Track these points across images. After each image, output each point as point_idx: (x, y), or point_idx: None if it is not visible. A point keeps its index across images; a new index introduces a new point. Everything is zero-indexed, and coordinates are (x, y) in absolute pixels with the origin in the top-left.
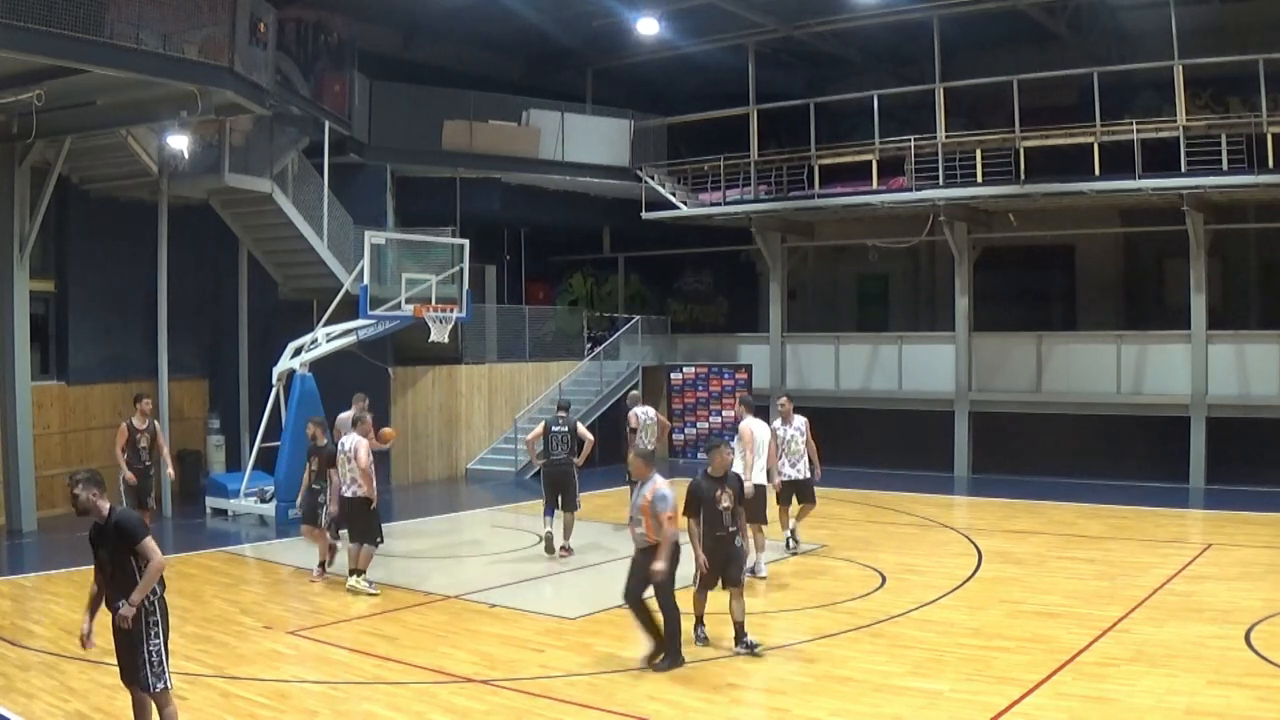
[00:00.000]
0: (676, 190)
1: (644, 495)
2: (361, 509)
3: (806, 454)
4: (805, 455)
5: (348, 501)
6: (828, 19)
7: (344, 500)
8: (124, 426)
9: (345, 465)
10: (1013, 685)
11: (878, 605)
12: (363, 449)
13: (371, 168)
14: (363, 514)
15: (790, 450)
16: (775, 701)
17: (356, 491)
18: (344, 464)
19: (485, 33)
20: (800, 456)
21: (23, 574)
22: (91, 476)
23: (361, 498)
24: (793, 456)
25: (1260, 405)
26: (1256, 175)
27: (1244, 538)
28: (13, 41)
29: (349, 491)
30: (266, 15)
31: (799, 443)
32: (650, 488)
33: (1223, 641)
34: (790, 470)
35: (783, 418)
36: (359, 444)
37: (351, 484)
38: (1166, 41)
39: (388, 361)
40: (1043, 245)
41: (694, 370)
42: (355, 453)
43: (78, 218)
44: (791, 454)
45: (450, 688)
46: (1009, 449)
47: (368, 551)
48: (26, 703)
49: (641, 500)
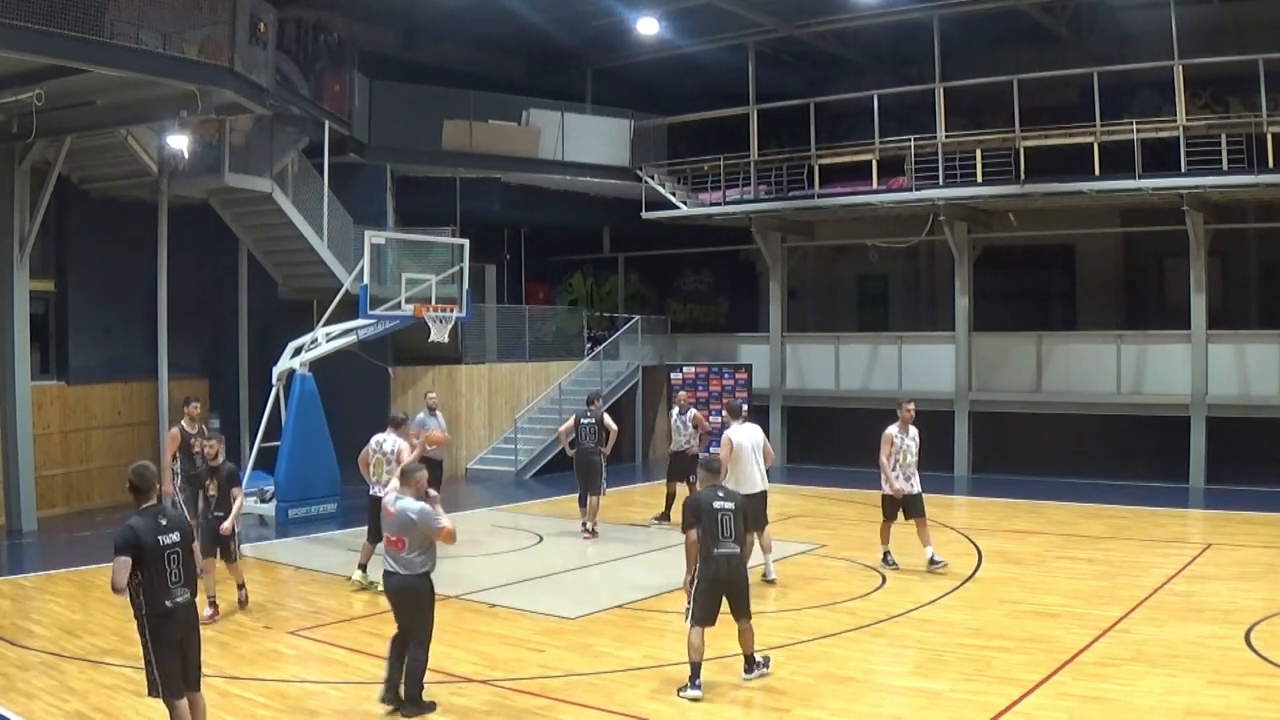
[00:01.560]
0: (676, 190)
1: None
2: None
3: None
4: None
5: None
6: (828, 19)
7: (377, 500)
8: (175, 432)
9: (384, 467)
10: (1013, 685)
11: (878, 605)
12: (405, 452)
13: (371, 168)
14: None
15: (904, 461)
16: (775, 701)
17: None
18: (381, 465)
19: (485, 33)
20: (914, 468)
21: (23, 574)
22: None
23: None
24: (907, 468)
25: (1260, 405)
26: (1256, 175)
27: (1244, 538)
28: (13, 41)
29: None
30: (266, 15)
31: (913, 453)
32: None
33: (1223, 641)
34: (904, 484)
35: (901, 424)
36: (401, 447)
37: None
38: (1166, 41)
39: (388, 361)
40: (1043, 245)
41: (694, 370)
42: (398, 455)
43: (78, 218)
44: (905, 465)
45: (450, 688)
46: (1009, 449)
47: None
48: (26, 703)
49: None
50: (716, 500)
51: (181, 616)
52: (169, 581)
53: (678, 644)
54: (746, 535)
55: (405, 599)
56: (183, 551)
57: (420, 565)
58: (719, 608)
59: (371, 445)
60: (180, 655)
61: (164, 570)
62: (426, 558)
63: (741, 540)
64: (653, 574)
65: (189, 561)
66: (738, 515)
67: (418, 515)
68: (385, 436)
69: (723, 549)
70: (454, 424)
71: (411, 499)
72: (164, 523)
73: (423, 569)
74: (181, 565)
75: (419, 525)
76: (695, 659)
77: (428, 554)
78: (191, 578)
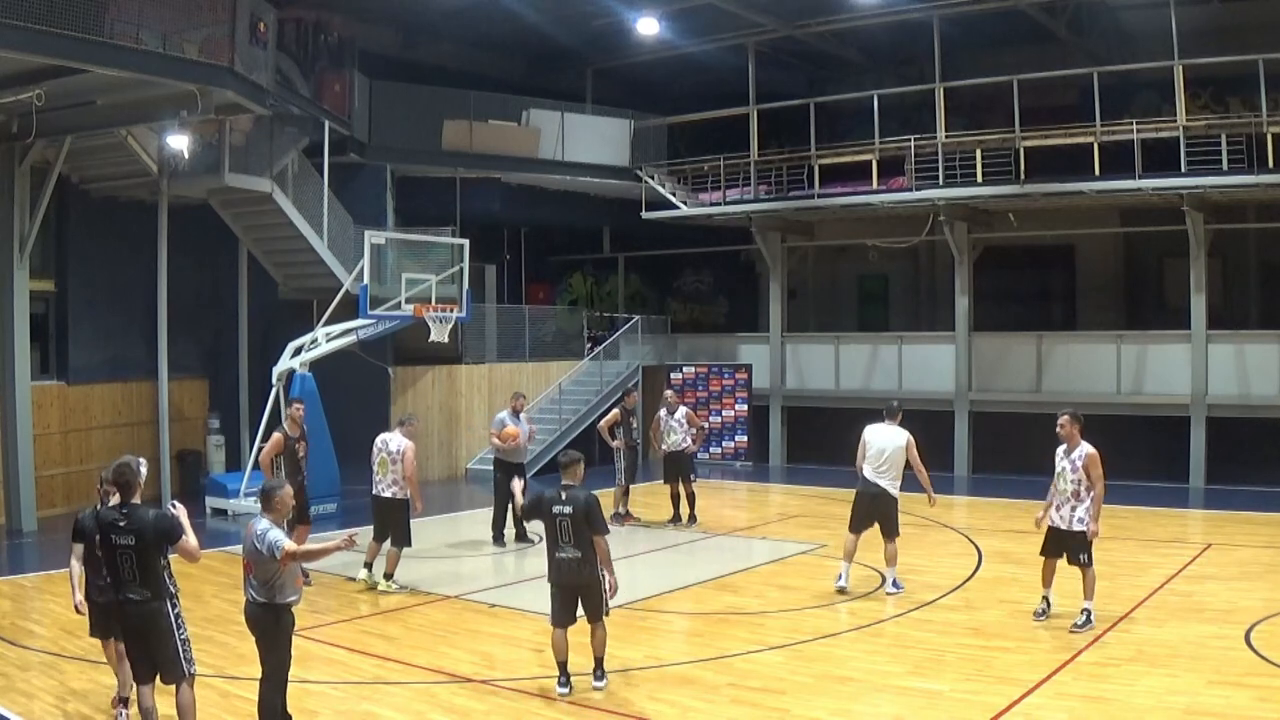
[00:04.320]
0: (676, 190)
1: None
2: (401, 511)
3: (1081, 494)
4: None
5: (385, 502)
6: (828, 19)
7: (381, 500)
8: (278, 437)
9: (388, 467)
10: (1013, 685)
11: (878, 605)
12: (410, 452)
13: (371, 168)
14: (402, 516)
15: (1059, 488)
16: (775, 701)
17: (396, 493)
18: (387, 464)
19: (485, 33)
20: (1068, 498)
21: (23, 574)
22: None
23: (401, 500)
24: (1060, 496)
25: (1260, 405)
26: (1256, 175)
27: (1244, 538)
28: (13, 41)
29: (388, 492)
30: (266, 15)
31: (1069, 479)
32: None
33: (1223, 641)
34: (1055, 514)
35: (1067, 443)
36: (407, 447)
37: (392, 484)
38: (1166, 41)
39: (388, 361)
40: (1043, 245)
41: (694, 370)
42: (403, 455)
43: (78, 218)
44: (1059, 492)
45: (450, 688)
46: (1009, 449)
47: (394, 554)
48: (26, 703)
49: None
50: (556, 504)
51: (131, 612)
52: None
53: (678, 644)
54: (595, 538)
55: (254, 628)
56: (137, 554)
57: (268, 593)
58: (574, 609)
59: (377, 444)
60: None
61: (115, 567)
62: (274, 589)
63: (584, 544)
64: (652, 574)
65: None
66: (577, 520)
67: (260, 540)
68: (391, 436)
69: (562, 553)
70: (454, 424)
71: (267, 522)
72: (122, 524)
73: (276, 599)
74: (136, 566)
75: (262, 552)
76: (559, 659)
77: (275, 584)
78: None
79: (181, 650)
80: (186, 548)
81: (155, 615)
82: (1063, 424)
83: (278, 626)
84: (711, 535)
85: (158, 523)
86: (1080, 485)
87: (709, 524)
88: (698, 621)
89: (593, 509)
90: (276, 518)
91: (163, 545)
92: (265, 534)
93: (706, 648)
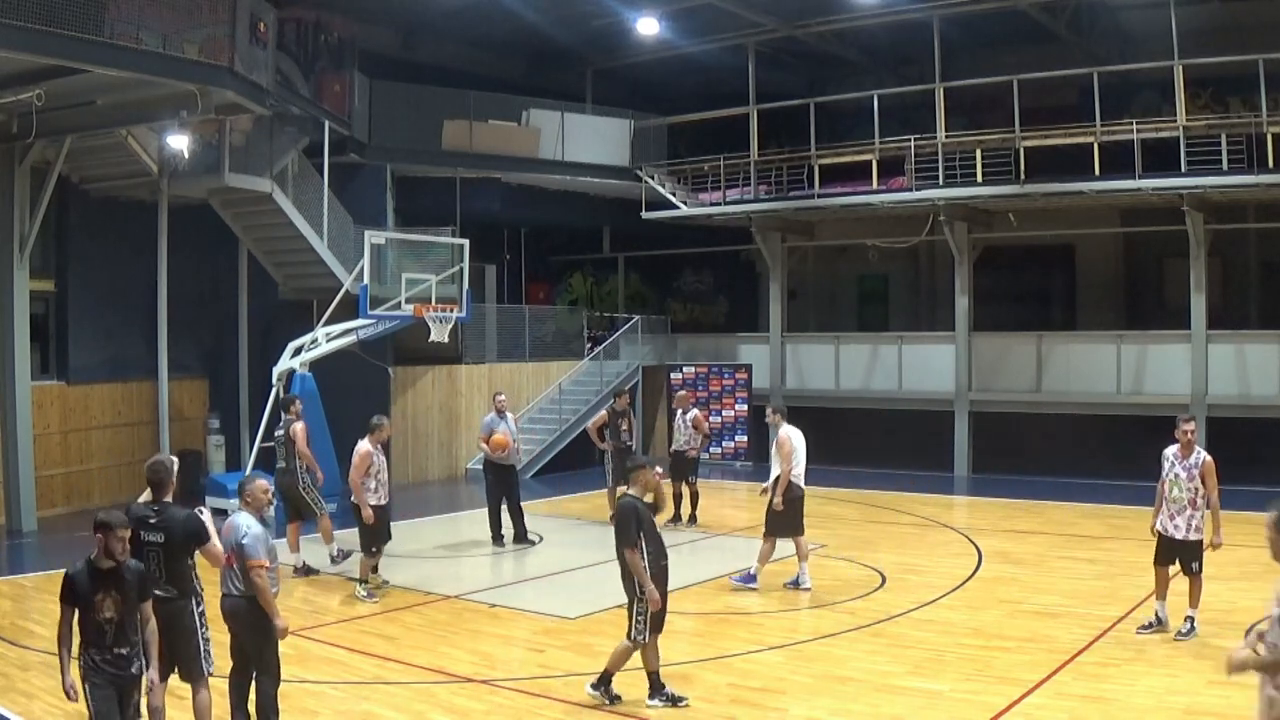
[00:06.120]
0: (676, 190)
1: None
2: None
3: (1197, 501)
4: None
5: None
6: (828, 19)
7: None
8: (366, 452)
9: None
10: (1013, 685)
11: (878, 605)
12: (356, 456)
13: (371, 168)
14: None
15: (1171, 496)
16: (775, 701)
17: (354, 499)
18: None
19: (485, 33)
20: (1183, 507)
21: (23, 574)
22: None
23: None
24: (1174, 504)
25: (1260, 405)
26: (1256, 175)
27: (1244, 538)
28: (13, 41)
29: (353, 497)
30: (266, 15)
31: (1184, 486)
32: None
33: (1223, 641)
34: (1169, 523)
35: (1181, 448)
36: (356, 449)
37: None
38: (1166, 41)
39: (388, 361)
40: (1043, 245)
41: (694, 370)
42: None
43: (78, 218)
44: (1173, 501)
45: (450, 688)
46: (1009, 449)
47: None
48: (26, 703)
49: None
50: (648, 514)
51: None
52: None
53: (677, 644)
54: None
55: (238, 624)
56: (164, 552)
57: (250, 584)
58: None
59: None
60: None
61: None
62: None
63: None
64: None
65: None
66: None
67: (247, 539)
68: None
69: (665, 560)
70: (454, 424)
71: (250, 515)
72: (153, 521)
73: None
74: (163, 564)
75: (246, 550)
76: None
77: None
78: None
79: (203, 650)
80: (214, 552)
81: (180, 613)
82: (1189, 430)
83: (265, 617)
84: (711, 535)
85: (187, 523)
86: (1196, 493)
87: (709, 524)
88: (698, 621)
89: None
90: (253, 510)
91: (190, 546)
92: (245, 535)
93: (706, 648)
